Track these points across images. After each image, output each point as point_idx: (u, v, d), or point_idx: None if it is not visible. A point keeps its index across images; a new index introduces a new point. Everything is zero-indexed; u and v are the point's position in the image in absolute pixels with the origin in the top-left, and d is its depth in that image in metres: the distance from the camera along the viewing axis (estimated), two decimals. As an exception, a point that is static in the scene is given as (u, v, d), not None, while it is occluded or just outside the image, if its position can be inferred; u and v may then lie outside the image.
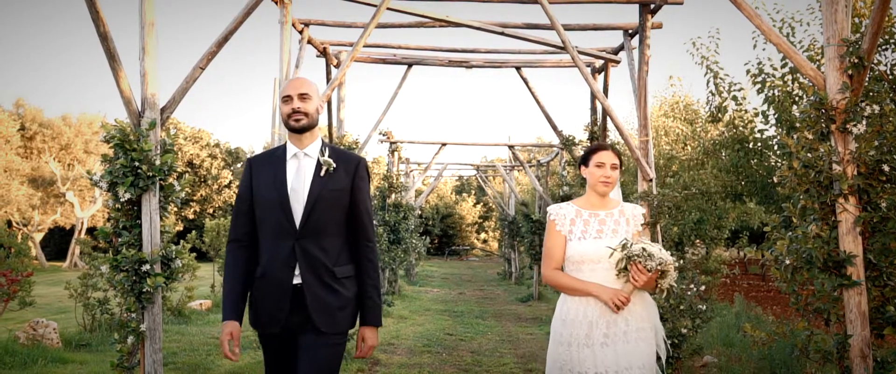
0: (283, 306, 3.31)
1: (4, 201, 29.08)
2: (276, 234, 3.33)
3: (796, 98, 9.34)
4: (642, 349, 3.60)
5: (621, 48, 8.87)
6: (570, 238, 3.69)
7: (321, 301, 3.30)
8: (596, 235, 3.67)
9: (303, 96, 3.39)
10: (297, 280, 3.31)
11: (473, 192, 45.92)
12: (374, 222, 9.85)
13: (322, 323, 3.30)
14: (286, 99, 3.41)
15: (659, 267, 3.47)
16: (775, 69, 9.66)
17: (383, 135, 15.24)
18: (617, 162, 3.71)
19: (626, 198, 8.96)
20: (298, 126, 3.38)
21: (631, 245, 3.52)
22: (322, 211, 3.31)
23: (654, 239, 7.48)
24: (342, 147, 3.61)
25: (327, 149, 3.44)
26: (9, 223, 30.56)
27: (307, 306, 3.30)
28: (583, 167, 3.81)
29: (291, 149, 3.43)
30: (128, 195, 5.07)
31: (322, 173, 3.35)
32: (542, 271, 3.76)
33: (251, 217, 3.43)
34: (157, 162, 5.15)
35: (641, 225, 3.79)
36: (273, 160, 3.46)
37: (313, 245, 3.31)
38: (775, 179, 4.60)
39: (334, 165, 3.37)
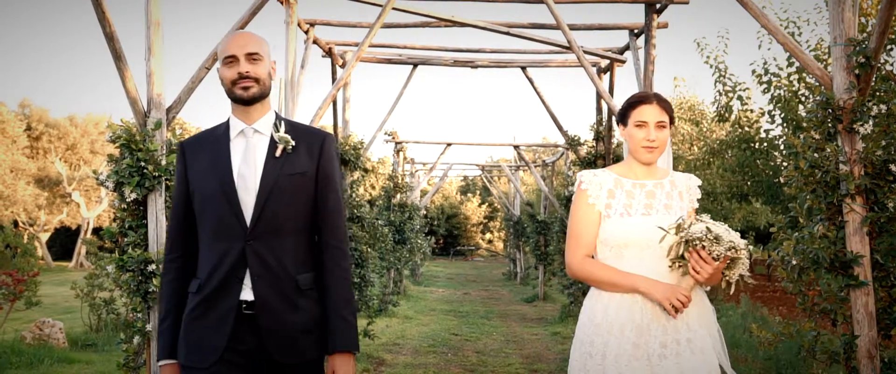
0: (225, 330, 2.51)
1: (11, 202, 29.20)
2: (219, 235, 2.56)
3: (802, 98, 9.32)
4: (698, 364, 2.73)
5: (627, 48, 8.86)
6: (607, 215, 2.83)
7: (279, 323, 2.53)
8: (643, 210, 2.81)
9: (252, 57, 2.60)
10: (246, 295, 2.54)
11: (478, 192, 45.92)
12: (380, 222, 9.91)
13: (279, 352, 2.53)
14: (229, 61, 2.60)
15: (728, 254, 2.64)
16: (781, 69, 9.64)
17: (389, 135, 15.25)
18: (664, 119, 2.84)
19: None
20: (248, 96, 2.59)
21: (690, 225, 2.68)
22: (280, 203, 2.56)
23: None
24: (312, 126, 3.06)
25: (283, 123, 2.67)
26: (15, 223, 30.69)
27: (260, 330, 2.52)
28: (621, 127, 2.95)
29: (236, 125, 2.65)
30: (134, 195, 5.08)
31: (278, 154, 2.60)
32: (568, 259, 2.90)
33: (191, 221, 2.66)
34: (163, 162, 5.15)
35: (697, 200, 2.97)
36: (213, 141, 2.67)
37: (269, 248, 2.55)
38: (782, 179, 4.60)
39: (293, 143, 2.61)
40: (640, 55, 8.05)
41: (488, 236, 46.22)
